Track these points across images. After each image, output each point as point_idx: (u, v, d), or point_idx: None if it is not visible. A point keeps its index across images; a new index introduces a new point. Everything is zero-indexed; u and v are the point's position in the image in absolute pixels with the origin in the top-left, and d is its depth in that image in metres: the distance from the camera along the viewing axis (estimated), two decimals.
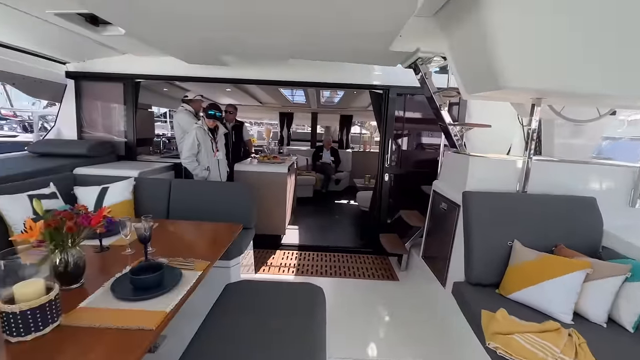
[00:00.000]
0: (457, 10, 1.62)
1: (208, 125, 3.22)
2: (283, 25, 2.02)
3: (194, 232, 2.20)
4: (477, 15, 1.49)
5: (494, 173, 2.12)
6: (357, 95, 5.71)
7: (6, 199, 2.03)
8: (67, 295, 1.25)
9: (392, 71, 3.26)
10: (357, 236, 4.22)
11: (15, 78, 3.22)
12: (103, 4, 1.74)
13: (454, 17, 1.67)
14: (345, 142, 7.96)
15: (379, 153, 3.54)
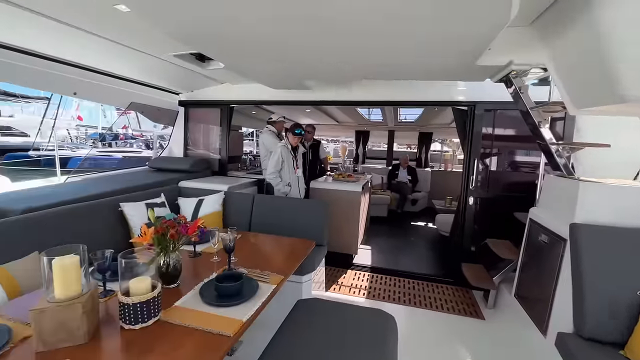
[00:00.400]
0: (560, 15, 1.42)
1: (292, 142, 3.48)
2: (362, 53, 2.08)
3: (271, 245, 2.34)
4: (589, 16, 1.28)
5: (614, 203, 1.73)
6: (438, 112, 5.42)
7: (130, 205, 2.49)
8: (166, 294, 1.44)
9: (479, 86, 3.01)
10: (435, 263, 3.89)
11: (144, 107, 4.00)
12: (208, 45, 2.06)
13: (557, 23, 1.47)
14: (424, 160, 7.57)
15: (463, 173, 3.25)
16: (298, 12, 1.40)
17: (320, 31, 1.67)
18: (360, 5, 1.31)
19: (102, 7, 1.78)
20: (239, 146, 5.59)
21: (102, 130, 22.07)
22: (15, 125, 18.31)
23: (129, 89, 3.45)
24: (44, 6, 1.82)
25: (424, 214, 6.37)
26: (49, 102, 15.26)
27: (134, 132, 20.42)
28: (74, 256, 1.11)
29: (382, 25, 1.52)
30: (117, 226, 2.43)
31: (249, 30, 1.73)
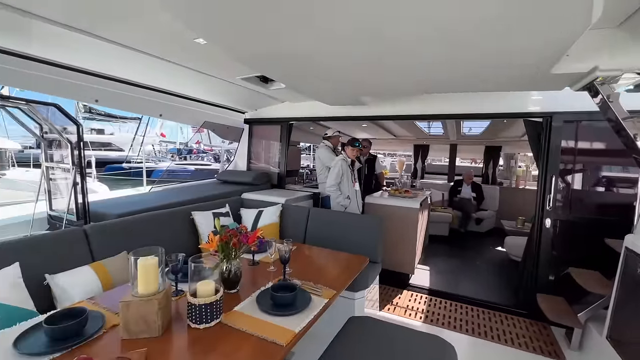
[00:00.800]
0: None
1: (350, 156, 3.54)
2: (425, 69, 2.05)
3: (325, 259, 2.36)
4: None
5: None
6: (508, 124, 4.97)
7: (200, 214, 2.75)
8: (227, 298, 1.54)
9: (556, 95, 2.71)
10: (504, 290, 3.50)
11: (215, 125, 4.44)
12: (273, 68, 2.23)
13: None
14: (491, 176, 6.96)
15: (538, 192, 2.91)
16: (361, 34, 1.45)
17: (383, 51, 1.69)
18: (424, 22, 1.31)
19: (184, 41, 2.06)
20: (296, 160, 5.83)
21: (179, 146, 24.94)
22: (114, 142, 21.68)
23: (203, 110, 3.88)
24: (137, 42, 2.16)
25: (490, 235, 5.81)
26: (139, 121, 17.90)
27: (205, 147, 22.59)
28: (154, 257, 1.27)
29: (447, 39, 1.49)
30: (189, 232, 2.71)
31: (311, 54, 1.83)
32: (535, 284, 2.88)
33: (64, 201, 2.52)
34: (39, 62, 2.24)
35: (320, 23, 1.38)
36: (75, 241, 1.98)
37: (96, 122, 22.97)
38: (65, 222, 2.28)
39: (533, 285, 2.89)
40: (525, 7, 1.14)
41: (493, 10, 1.16)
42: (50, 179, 2.51)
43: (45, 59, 2.26)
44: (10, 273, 1.55)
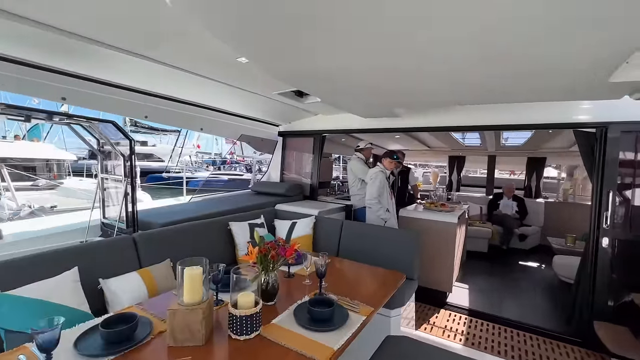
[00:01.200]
0: None
1: (388, 168, 3.52)
2: (461, 81, 2.01)
3: (359, 273, 2.32)
4: None
5: None
6: (553, 135, 4.67)
7: (237, 225, 2.83)
8: (264, 310, 1.56)
9: (610, 103, 2.51)
10: (553, 315, 3.21)
11: (250, 138, 4.59)
12: (310, 84, 2.28)
13: None
14: (534, 189, 6.53)
15: (592, 208, 2.67)
16: (398, 44, 1.45)
17: (420, 61, 1.68)
18: (466, 26, 1.28)
19: (227, 60, 2.18)
20: (328, 172, 5.86)
21: (214, 157, 26.10)
22: (155, 153, 23.16)
23: (240, 123, 4.04)
24: (184, 63, 2.32)
25: (536, 253, 5.41)
26: (179, 134, 19.05)
27: (237, 157, 23.45)
28: (199, 268, 1.32)
29: (493, 45, 1.44)
30: (226, 242, 2.79)
31: (347, 68, 1.86)
32: (591, 310, 2.62)
33: (114, 209, 2.72)
34: (99, 83, 2.48)
35: (356, 39, 1.39)
36: (125, 248, 2.12)
37: (140, 135, 24.74)
38: (117, 230, 2.45)
39: (589, 311, 2.62)
40: (585, 10, 1.08)
41: (547, 12, 1.11)
42: (104, 189, 2.72)
43: (103, 79, 2.49)
44: (70, 277, 1.69)
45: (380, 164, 3.56)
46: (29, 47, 1.97)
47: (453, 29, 1.28)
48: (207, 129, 3.95)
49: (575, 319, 2.79)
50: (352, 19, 1.22)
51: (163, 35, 1.85)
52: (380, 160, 3.60)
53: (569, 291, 3.20)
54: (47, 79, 2.24)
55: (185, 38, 1.87)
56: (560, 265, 3.76)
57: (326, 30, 1.31)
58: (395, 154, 3.54)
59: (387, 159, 3.52)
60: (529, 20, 1.17)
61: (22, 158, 9.46)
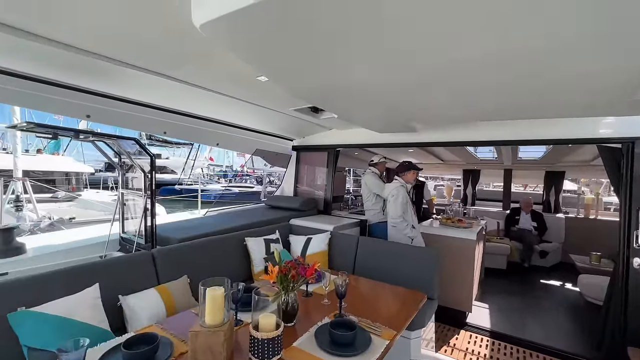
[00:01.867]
0: None
1: (411, 180, 3.40)
2: (481, 98, 1.99)
3: (378, 293, 2.26)
4: None
5: None
6: (572, 148, 4.55)
7: (252, 240, 2.83)
8: (284, 331, 1.52)
9: (635, 119, 2.44)
10: (581, 338, 3.05)
11: (265, 153, 4.63)
12: (326, 101, 2.30)
13: None
14: (553, 204, 6.34)
15: (621, 226, 2.56)
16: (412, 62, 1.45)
17: (438, 77, 1.67)
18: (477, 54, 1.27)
19: (247, 79, 2.22)
20: (342, 186, 5.83)
21: (225, 169, 26.47)
22: (169, 165, 23.64)
23: (255, 138, 4.09)
24: (204, 81, 2.37)
25: (557, 270, 5.20)
26: (191, 146, 19.43)
27: (248, 170, 23.71)
28: (221, 288, 1.31)
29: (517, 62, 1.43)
30: (242, 257, 2.78)
31: (364, 85, 1.87)
32: (624, 335, 2.47)
33: (132, 223, 2.75)
34: (121, 101, 2.55)
35: (374, 55, 1.40)
36: (144, 264, 2.13)
37: (154, 148, 25.37)
38: (136, 245, 2.47)
39: (621, 336, 2.48)
40: (610, 27, 1.06)
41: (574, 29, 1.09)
42: (124, 203, 2.76)
43: (126, 97, 2.57)
44: (91, 294, 1.70)
45: (399, 178, 3.39)
46: (56, 67, 2.06)
47: (470, 48, 1.28)
48: (223, 144, 4.01)
49: (606, 344, 2.64)
50: (369, 36, 1.22)
51: (187, 56, 1.91)
52: (397, 173, 3.44)
53: (597, 313, 3.04)
54: (73, 98, 2.33)
55: (208, 59, 1.92)
56: (586, 285, 3.60)
57: (344, 47, 1.32)
58: (414, 165, 3.44)
59: (410, 171, 3.34)
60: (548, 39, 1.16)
61: (43, 171, 9.79)
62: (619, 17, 0.98)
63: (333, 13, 1.05)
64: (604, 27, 1.05)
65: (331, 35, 1.22)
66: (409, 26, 1.13)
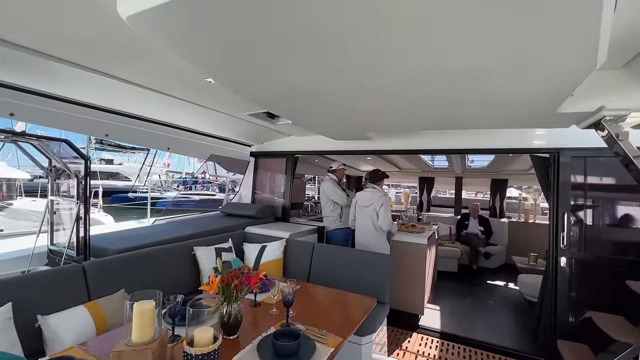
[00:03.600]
0: None
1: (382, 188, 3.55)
2: (427, 108, 2.09)
3: (329, 300, 2.24)
4: None
5: None
6: (514, 157, 4.96)
7: (202, 250, 2.69)
8: (225, 345, 1.44)
9: (562, 130, 2.71)
10: (521, 335, 3.28)
11: (221, 158, 4.48)
12: (279, 107, 2.28)
13: None
14: (498, 210, 6.84)
15: (550, 229, 2.81)
16: (366, 72, 1.48)
17: (382, 92, 1.73)
18: (431, 64, 1.33)
19: (195, 80, 2.13)
20: (301, 193, 5.80)
21: (185, 176, 25.30)
22: (122, 172, 22.06)
23: (210, 143, 3.94)
24: (148, 81, 2.24)
25: (502, 272, 5.58)
26: (147, 152, 18.33)
27: (210, 177, 22.88)
28: (151, 302, 1.21)
29: (448, 84, 1.52)
30: (190, 268, 2.63)
31: (315, 93, 1.87)
32: (554, 329, 2.69)
33: (65, 234, 2.48)
34: (53, 99, 2.32)
35: (327, 62, 1.41)
36: (73, 278, 1.92)
37: (106, 153, 23.58)
38: (65, 258, 2.23)
39: (552, 330, 2.70)
40: (533, 53, 1.16)
41: (499, 54, 1.18)
42: (54, 212, 2.49)
43: (59, 95, 2.34)
44: (1, 314, 1.48)
45: (377, 186, 3.49)
46: None
47: (423, 63, 1.33)
48: (174, 148, 3.81)
49: (540, 339, 2.85)
50: (311, 47, 1.23)
51: (126, 53, 1.78)
52: (373, 182, 3.52)
53: (533, 310, 3.29)
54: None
55: (151, 57, 1.81)
56: (524, 284, 3.89)
57: (288, 54, 1.31)
58: (385, 173, 3.60)
59: (383, 180, 3.57)
60: (487, 57, 1.24)
61: None
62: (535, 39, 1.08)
63: (268, 20, 1.03)
64: (526, 47, 1.14)
65: (271, 41, 1.21)
66: (342, 41, 1.16)
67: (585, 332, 2.52)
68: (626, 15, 1.15)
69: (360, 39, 1.13)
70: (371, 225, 3.35)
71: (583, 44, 1.06)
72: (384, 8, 0.93)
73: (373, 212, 3.33)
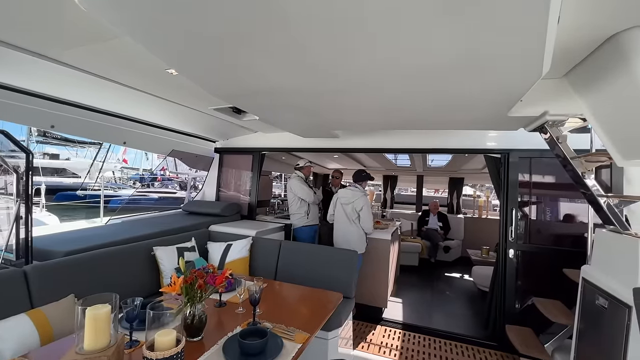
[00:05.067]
0: (596, 69, 1.39)
1: (364, 188, 3.59)
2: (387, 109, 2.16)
3: (297, 297, 2.25)
4: (628, 69, 1.25)
5: None
6: (469, 157, 5.30)
7: (162, 250, 2.56)
8: (189, 347, 1.39)
9: (512, 133, 2.94)
10: (475, 322, 3.53)
11: (183, 154, 4.28)
12: (245, 102, 2.23)
13: (593, 77, 1.44)
14: (455, 206, 7.28)
15: (500, 223, 3.06)
16: (327, 70, 1.49)
17: (348, 88, 1.75)
18: (388, 67, 1.38)
19: (154, 71, 2.01)
20: (268, 190, 5.73)
21: (142, 173, 23.83)
22: (69, 167, 20.24)
23: (171, 138, 3.75)
24: (102, 69, 2.08)
25: (458, 264, 5.96)
26: (100, 146, 16.97)
27: (170, 174, 21.81)
28: (106, 306, 1.13)
29: (406, 85, 1.58)
30: (149, 270, 2.49)
31: (281, 89, 1.85)
32: (503, 315, 2.93)
33: (3, 235, 2.23)
34: None
35: (293, 58, 1.40)
36: (11, 284, 1.73)
37: (51, 147, 21.50)
38: (2, 262, 2.00)
39: (501, 316, 2.94)
40: (487, 59, 1.25)
41: (457, 56, 1.25)
42: None
43: None
44: None
45: (360, 186, 3.54)
46: None
47: (383, 64, 1.37)
48: (131, 143, 3.57)
49: (491, 324, 3.10)
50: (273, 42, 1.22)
51: (73, 37, 1.64)
52: (358, 181, 3.57)
53: (485, 299, 3.56)
54: None
55: (103, 42, 1.68)
56: (477, 275, 4.19)
57: (248, 47, 1.28)
58: (369, 174, 3.65)
59: (366, 181, 3.60)
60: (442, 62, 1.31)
61: None
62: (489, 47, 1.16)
63: (231, 10, 1.00)
64: (480, 52, 1.22)
65: (233, 35, 1.17)
66: (302, 38, 1.16)
67: (529, 317, 2.78)
68: (567, 30, 1.28)
69: (319, 37, 1.14)
70: (348, 222, 3.44)
71: (531, 54, 1.17)
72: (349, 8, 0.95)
73: (352, 210, 3.42)
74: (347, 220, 3.44)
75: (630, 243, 1.65)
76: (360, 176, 3.59)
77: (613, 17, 1.22)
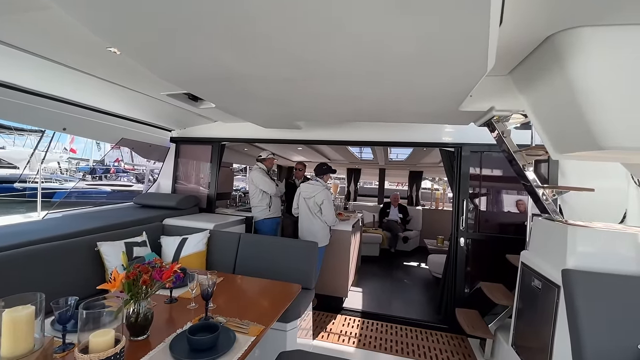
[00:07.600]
0: (534, 67, 1.49)
1: (327, 181, 3.60)
2: (349, 100, 2.16)
3: (255, 290, 2.21)
4: (561, 69, 1.35)
5: (605, 248, 1.70)
6: (428, 152, 5.54)
7: (108, 245, 2.37)
8: (133, 347, 1.31)
9: (465, 128, 3.11)
10: (428, 307, 3.73)
11: (135, 143, 3.99)
12: (199, 87, 2.10)
13: (532, 75, 1.55)
14: (415, 198, 7.60)
15: (453, 213, 3.23)
16: (284, 56, 1.45)
17: (306, 75, 1.72)
18: (346, 53, 1.36)
19: (95, 49, 1.83)
20: (229, 183, 5.55)
21: (93, 164, 22.04)
22: (5, 157, 18.12)
23: (120, 125, 3.47)
24: (36, 45, 1.86)
25: (416, 254, 6.25)
26: (42, 135, 15.33)
27: (126, 166, 20.39)
28: (29, 307, 1.01)
29: (365, 76, 1.59)
30: (93, 267, 2.30)
31: (237, 74, 1.77)
32: (454, 299, 3.12)
33: None
34: None
35: (248, 45, 1.34)
36: None
37: None
38: None
39: (452, 300, 3.13)
40: (433, 58, 1.29)
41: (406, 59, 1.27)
42: None
43: None
44: None
45: (321, 179, 3.53)
46: None
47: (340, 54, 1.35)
48: (72, 129, 3.25)
49: (443, 308, 3.29)
50: (234, 27, 1.16)
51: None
52: (319, 175, 3.57)
53: (439, 285, 3.77)
54: None
55: (33, 11, 1.48)
56: (432, 262, 4.42)
57: (198, 29, 1.21)
58: (330, 167, 3.64)
59: (328, 174, 3.60)
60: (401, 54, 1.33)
61: None
62: (439, 41, 1.18)
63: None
64: (432, 47, 1.25)
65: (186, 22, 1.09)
66: (251, 23, 1.11)
67: (476, 300, 2.99)
68: (509, 30, 1.35)
69: (268, 21, 1.09)
70: (311, 215, 3.45)
71: (475, 51, 1.22)
72: None
73: (314, 204, 3.43)
74: (310, 213, 3.44)
75: (560, 229, 1.81)
76: (321, 169, 3.60)
77: (549, 19, 1.31)
